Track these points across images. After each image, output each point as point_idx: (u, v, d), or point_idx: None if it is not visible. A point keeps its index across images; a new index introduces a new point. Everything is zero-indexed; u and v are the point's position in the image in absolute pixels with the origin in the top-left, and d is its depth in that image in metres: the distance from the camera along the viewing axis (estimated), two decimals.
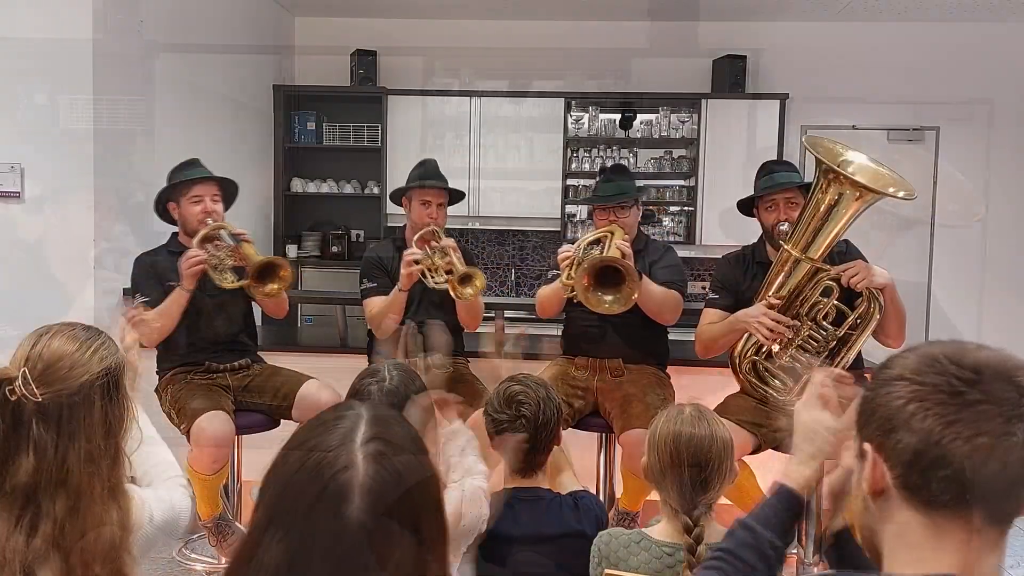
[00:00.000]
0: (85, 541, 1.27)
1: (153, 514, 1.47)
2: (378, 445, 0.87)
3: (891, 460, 0.90)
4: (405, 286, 2.96)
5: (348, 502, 0.82)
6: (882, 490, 0.91)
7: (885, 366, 0.96)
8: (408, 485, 0.86)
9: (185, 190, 2.95)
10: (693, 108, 5.48)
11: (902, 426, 0.88)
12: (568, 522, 1.90)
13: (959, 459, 0.85)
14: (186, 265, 2.80)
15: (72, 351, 1.33)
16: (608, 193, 3.06)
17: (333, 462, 0.85)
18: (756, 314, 2.66)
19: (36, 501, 1.27)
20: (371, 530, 0.82)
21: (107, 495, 1.33)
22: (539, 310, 3.12)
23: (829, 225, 2.57)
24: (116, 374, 1.37)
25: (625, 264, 2.72)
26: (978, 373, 0.88)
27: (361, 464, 0.85)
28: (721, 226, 5.37)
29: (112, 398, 1.36)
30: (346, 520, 0.82)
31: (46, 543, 1.25)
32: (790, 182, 2.82)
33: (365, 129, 5.60)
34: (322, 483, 0.84)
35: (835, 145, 2.66)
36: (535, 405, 1.90)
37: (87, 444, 1.31)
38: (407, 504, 0.85)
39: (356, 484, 0.83)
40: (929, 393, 0.88)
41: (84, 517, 1.29)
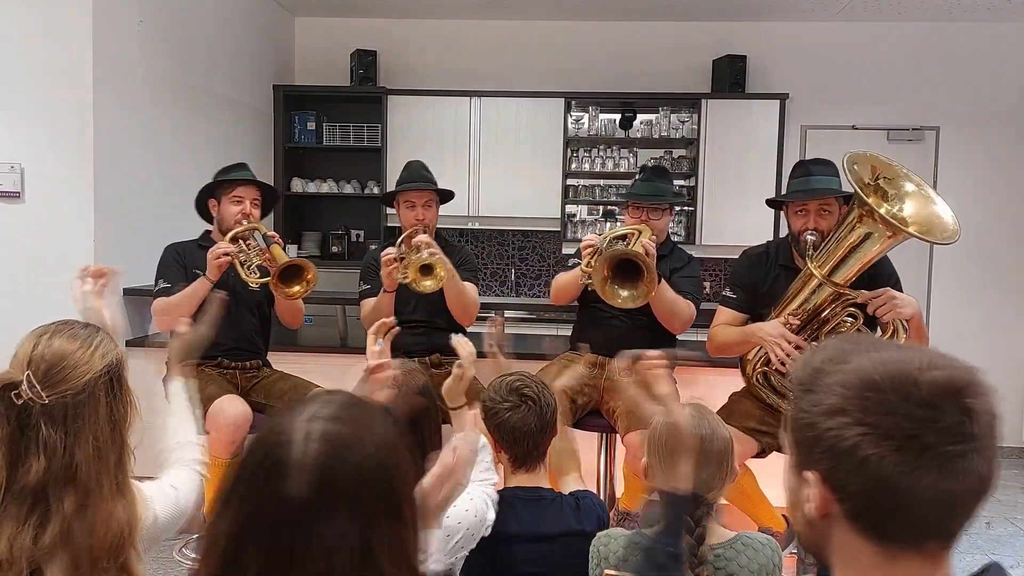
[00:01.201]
0: (93, 538, 1.28)
1: (157, 513, 1.46)
2: (335, 426, 0.85)
3: (840, 494, 0.85)
4: (388, 287, 2.98)
5: (288, 476, 0.81)
6: (828, 514, 0.87)
7: (814, 382, 0.87)
8: (359, 471, 0.83)
9: (228, 189, 3.03)
10: (693, 108, 5.47)
11: (854, 470, 0.83)
12: (569, 522, 1.90)
13: (920, 505, 0.81)
14: (213, 256, 2.84)
15: (74, 350, 1.33)
16: (645, 192, 3.04)
17: (280, 436, 0.84)
18: (774, 334, 2.59)
19: (46, 500, 1.27)
20: (308, 507, 0.80)
21: (115, 490, 1.33)
22: (554, 296, 3.10)
23: (858, 254, 2.47)
24: (118, 369, 1.38)
25: (647, 261, 2.69)
26: (931, 407, 0.81)
27: (311, 441, 0.83)
28: (721, 226, 5.36)
29: (115, 393, 1.36)
30: (284, 493, 0.80)
31: (54, 541, 1.26)
32: (825, 189, 2.69)
33: (365, 129, 5.60)
34: (264, 455, 0.83)
35: (882, 164, 2.48)
36: (535, 388, 1.92)
37: (94, 441, 1.31)
38: (357, 493, 0.83)
39: (298, 459, 0.81)
40: (882, 438, 0.81)
41: (93, 514, 1.29)
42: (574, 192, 5.59)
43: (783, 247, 2.88)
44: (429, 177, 3.19)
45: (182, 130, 4.22)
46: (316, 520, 0.81)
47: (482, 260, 5.82)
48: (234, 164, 3.15)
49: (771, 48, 5.59)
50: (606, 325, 3.01)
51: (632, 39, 5.71)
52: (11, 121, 3.44)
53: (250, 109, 5.19)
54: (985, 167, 5.53)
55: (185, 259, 3.02)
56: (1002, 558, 3.63)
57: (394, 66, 5.75)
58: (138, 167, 3.79)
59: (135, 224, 3.71)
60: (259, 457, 0.84)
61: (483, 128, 5.46)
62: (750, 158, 5.32)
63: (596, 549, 1.73)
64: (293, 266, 2.88)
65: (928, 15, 5.35)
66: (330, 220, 5.84)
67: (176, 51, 4.19)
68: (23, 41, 3.40)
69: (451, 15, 5.68)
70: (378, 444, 0.87)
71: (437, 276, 2.87)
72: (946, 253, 5.56)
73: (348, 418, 0.87)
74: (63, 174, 3.45)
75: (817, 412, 0.86)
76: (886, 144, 5.51)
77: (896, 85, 5.55)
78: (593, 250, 2.84)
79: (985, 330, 5.47)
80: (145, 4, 3.85)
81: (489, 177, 5.46)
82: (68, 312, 1.53)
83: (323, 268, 5.47)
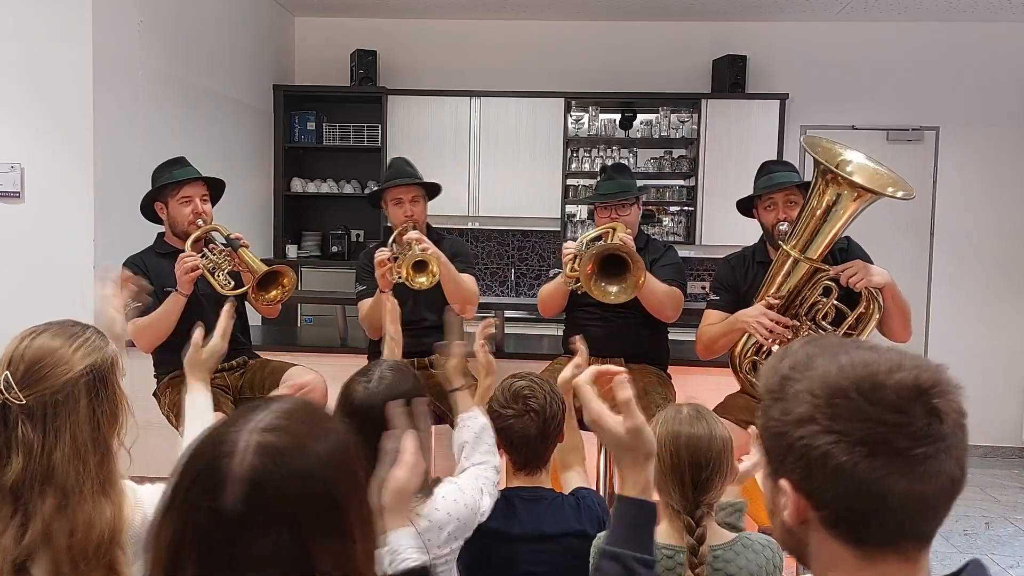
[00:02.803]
0: (73, 539, 1.26)
1: (147, 514, 1.44)
2: (271, 437, 0.82)
3: (814, 501, 0.85)
4: (384, 287, 2.91)
5: (223, 488, 0.79)
6: (804, 521, 0.87)
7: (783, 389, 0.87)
8: (296, 484, 0.81)
9: (173, 190, 2.89)
10: (693, 108, 5.47)
11: (827, 477, 0.83)
12: (569, 522, 1.90)
13: (895, 509, 0.82)
14: (182, 270, 2.74)
15: (55, 349, 1.32)
16: (609, 191, 3.07)
17: (217, 447, 0.82)
18: (755, 314, 2.65)
19: (24, 500, 1.26)
20: (241, 522, 0.79)
21: (97, 491, 1.31)
22: (541, 308, 3.12)
23: (827, 225, 2.57)
24: (103, 370, 1.36)
25: (630, 251, 2.72)
26: (899, 411, 0.81)
27: (246, 453, 0.81)
28: (721, 226, 5.36)
29: (99, 394, 1.35)
30: (219, 506, 0.79)
31: (35, 541, 1.25)
32: (789, 181, 2.82)
33: (365, 129, 5.60)
34: (202, 466, 0.82)
35: (833, 145, 2.65)
36: (542, 398, 1.89)
37: (72, 441, 1.30)
38: (291, 503, 0.80)
39: (232, 471, 0.80)
40: (853, 445, 0.81)
41: (73, 514, 1.28)
42: (574, 192, 5.58)
43: (759, 247, 2.97)
44: (413, 172, 3.14)
45: (182, 130, 4.22)
46: (251, 533, 0.79)
47: (482, 260, 5.82)
48: (172, 160, 2.99)
49: (771, 48, 5.59)
50: (595, 326, 3.02)
51: (632, 39, 5.71)
52: (11, 121, 3.44)
53: (250, 109, 5.19)
54: (985, 167, 5.53)
55: (149, 273, 2.88)
56: (1001, 558, 3.63)
57: (394, 66, 5.75)
58: (138, 167, 3.78)
59: (135, 224, 3.70)
60: (198, 467, 0.82)
61: (483, 128, 5.46)
62: (750, 158, 5.28)
63: (596, 548, 1.73)
64: (270, 273, 2.79)
65: (928, 15, 5.36)
66: (330, 220, 5.84)
67: (176, 51, 4.19)
68: (23, 41, 3.40)
69: (451, 15, 5.68)
70: (320, 455, 0.84)
71: (431, 272, 2.83)
72: (946, 252, 5.57)
73: (289, 429, 0.84)
74: (63, 174, 3.45)
75: (787, 421, 0.86)
76: (886, 144, 5.52)
77: (896, 85, 5.56)
78: (573, 256, 2.87)
79: (985, 330, 5.47)
80: (145, 4, 3.85)
81: (489, 177, 5.46)
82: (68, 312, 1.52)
83: (323, 268, 5.53)
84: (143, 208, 3.00)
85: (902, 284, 2.74)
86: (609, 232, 2.91)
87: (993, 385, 5.31)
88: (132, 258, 2.96)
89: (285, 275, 2.83)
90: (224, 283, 2.81)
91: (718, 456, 1.63)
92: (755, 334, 2.66)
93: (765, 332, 2.62)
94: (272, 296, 2.84)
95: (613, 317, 2.97)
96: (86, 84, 3.42)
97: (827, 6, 5.26)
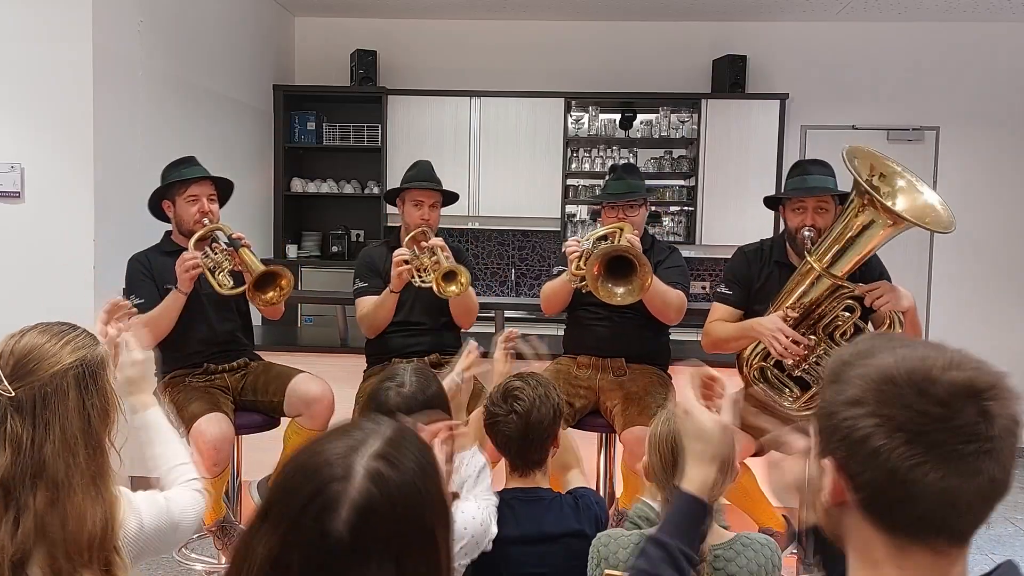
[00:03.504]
0: (67, 532, 1.27)
1: (144, 521, 1.44)
2: (381, 465, 0.84)
3: (853, 483, 0.87)
4: (396, 287, 2.94)
5: (335, 513, 0.80)
6: (843, 503, 0.89)
7: (840, 374, 0.90)
8: (402, 513, 0.83)
9: (181, 189, 2.91)
10: (693, 108, 5.47)
11: (865, 459, 0.84)
12: (568, 522, 1.90)
13: (926, 499, 0.82)
14: (182, 268, 2.75)
15: (42, 343, 1.34)
16: (618, 191, 3.05)
17: (331, 470, 0.83)
18: (772, 328, 2.59)
19: (16, 495, 1.27)
20: (351, 548, 0.80)
21: (88, 485, 1.32)
22: (544, 305, 3.10)
23: (857, 245, 2.48)
24: (93, 366, 1.37)
25: (637, 253, 2.70)
26: (945, 406, 0.82)
27: (357, 478, 0.82)
28: (721, 226, 5.37)
29: (88, 389, 1.36)
30: (328, 531, 0.80)
31: (28, 535, 1.26)
32: (823, 187, 2.72)
33: (365, 129, 5.60)
34: (314, 488, 0.82)
35: (878, 159, 2.52)
36: (529, 402, 1.89)
37: (62, 434, 1.31)
38: (396, 532, 0.82)
39: (347, 497, 0.80)
40: (894, 430, 0.83)
41: (64, 507, 1.29)
42: (574, 192, 5.59)
43: (778, 244, 2.90)
44: (438, 179, 3.19)
45: (182, 130, 4.22)
46: (357, 557, 0.80)
47: (482, 260, 5.82)
48: (181, 159, 3.01)
49: (771, 48, 5.60)
50: (597, 326, 3.02)
51: (632, 39, 5.71)
52: (11, 121, 3.44)
53: (250, 109, 5.19)
54: (985, 167, 5.53)
55: (153, 270, 2.91)
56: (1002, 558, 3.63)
57: (394, 66, 5.75)
58: (138, 167, 3.78)
59: (135, 224, 3.70)
60: (308, 488, 0.83)
61: (483, 128, 5.46)
62: (750, 158, 5.33)
63: (596, 549, 1.72)
64: (267, 273, 2.80)
65: (928, 15, 5.36)
66: (330, 220, 5.84)
67: (176, 51, 4.19)
68: (23, 41, 3.40)
69: (451, 15, 5.68)
70: (419, 483, 0.86)
71: (459, 282, 2.89)
72: (946, 252, 5.57)
73: (397, 457, 0.86)
74: (63, 174, 3.45)
75: (838, 402, 0.88)
76: (886, 144, 5.52)
77: (896, 85, 5.56)
78: (578, 254, 2.85)
79: (985, 329, 5.47)
80: (145, 4, 3.85)
81: (489, 177, 5.46)
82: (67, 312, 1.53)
83: (323, 268, 5.53)
84: (151, 205, 3.01)
85: (902, 284, 2.74)
86: (616, 232, 2.89)
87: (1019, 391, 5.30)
88: (137, 255, 2.98)
89: (283, 277, 2.83)
90: (223, 283, 2.81)
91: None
92: (770, 347, 2.60)
93: (780, 348, 2.56)
94: (269, 297, 2.84)
95: (616, 317, 2.96)
96: (86, 84, 3.42)
97: (827, 6, 5.26)
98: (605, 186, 3.22)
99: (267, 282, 2.83)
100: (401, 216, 3.19)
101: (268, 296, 2.83)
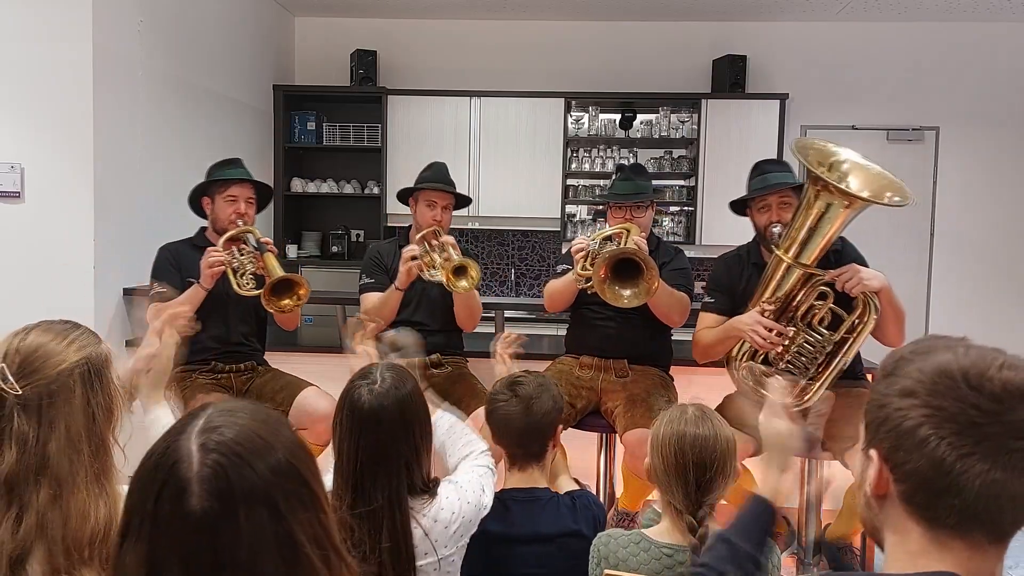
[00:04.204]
0: (67, 529, 1.27)
1: None
2: (210, 434, 0.84)
3: (897, 474, 0.87)
4: (402, 284, 2.96)
5: (186, 493, 0.80)
6: (885, 494, 0.90)
7: (896, 368, 0.91)
8: (266, 470, 0.83)
9: (222, 188, 3.00)
10: (693, 108, 5.47)
11: (913, 448, 0.85)
12: (565, 522, 1.90)
13: (970, 491, 0.83)
14: (206, 264, 2.81)
15: (48, 341, 1.35)
16: (626, 191, 3.04)
17: (166, 457, 0.83)
18: (750, 322, 2.62)
19: (19, 492, 1.27)
20: (217, 516, 0.80)
21: (92, 483, 1.32)
22: (548, 304, 3.09)
23: (820, 231, 2.53)
24: (98, 364, 1.38)
25: (644, 256, 2.69)
26: (999, 402, 0.83)
27: (193, 453, 0.82)
28: (721, 226, 5.36)
29: (94, 387, 1.36)
30: (189, 511, 0.80)
31: (30, 532, 1.26)
32: (782, 183, 2.78)
33: (365, 129, 5.60)
34: (160, 479, 0.82)
35: (825, 146, 2.60)
36: (532, 388, 1.93)
37: (67, 431, 1.31)
38: (250, 483, 0.82)
39: (191, 474, 0.81)
40: (944, 420, 0.84)
41: (67, 505, 1.28)
42: (574, 192, 5.58)
43: (753, 247, 2.94)
44: (452, 182, 3.21)
45: (182, 130, 4.22)
46: (226, 521, 0.81)
47: (482, 260, 5.82)
48: (227, 160, 3.10)
49: (771, 48, 5.60)
50: (601, 326, 3.02)
51: (632, 39, 5.71)
52: (11, 121, 3.44)
53: (250, 109, 5.19)
54: (985, 167, 5.53)
55: (180, 262, 2.98)
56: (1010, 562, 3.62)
57: (394, 66, 5.75)
58: (138, 167, 3.78)
59: (135, 224, 3.71)
60: (157, 482, 0.83)
61: (483, 128, 5.46)
62: (750, 158, 5.23)
63: (596, 549, 1.73)
64: (285, 280, 2.83)
65: (928, 15, 5.36)
66: (330, 220, 5.84)
67: (176, 51, 4.18)
68: (23, 41, 3.40)
69: (451, 15, 5.68)
70: (284, 444, 0.87)
71: (470, 277, 2.90)
72: (946, 252, 5.57)
73: (230, 422, 0.87)
74: (63, 174, 3.45)
75: (890, 393, 0.89)
76: (886, 144, 5.52)
77: (896, 85, 5.56)
78: (585, 254, 2.85)
79: (985, 329, 5.44)
80: (145, 4, 3.84)
81: (489, 177, 5.46)
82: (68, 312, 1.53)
83: (323, 268, 5.53)
84: (191, 201, 3.09)
85: (902, 284, 2.74)
86: (623, 233, 2.88)
87: None
88: (168, 245, 3.06)
89: (301, 286, 2.87)
90: (243, 284, 2.86)
91: (722, 457, 1.63)
92: (750, 341, 2.64)
93: (760, 340, 2.59)
94: (284, 304, 2.87)
95: (620, 317, 2.96)
96: (86, 84, 3.42)
97: (827, 6, 5.26)
98: (612, 186, 3.20)
99: (284, 289, 2.86)
100: (413, 216, 3.20)
101: (283, 303, 2.87)
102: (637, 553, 1.67)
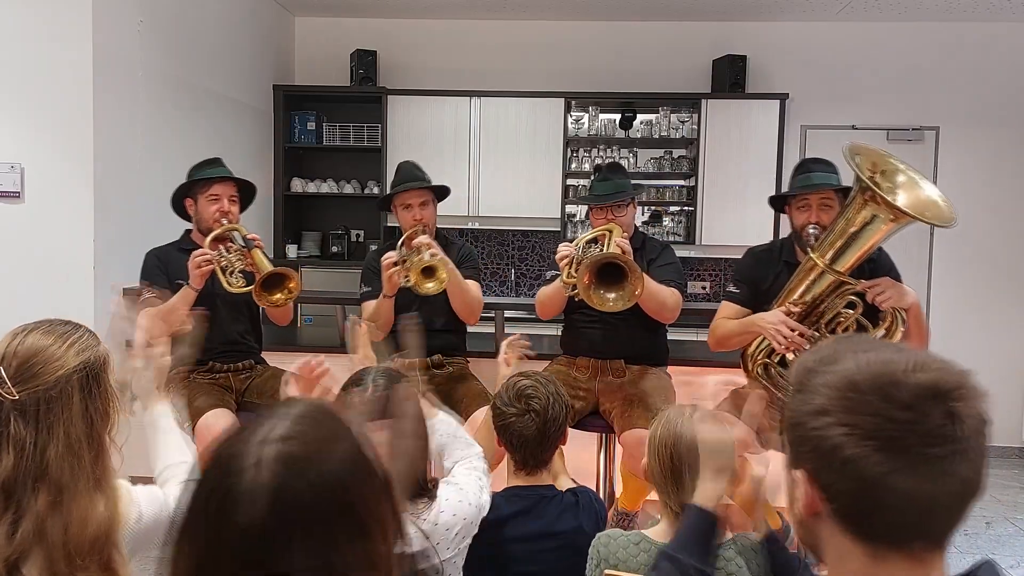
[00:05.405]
0: (68, 535, 1.26)
1: (143, 512, 1.44)
2: (290, 445, 0.80)
3: (826, 493, 0.86)
4: (388, 291, 2.93)
5: (239, 505, 0.76)
6: (817, 513, 0.88)
7: (806, 382, 0.88)
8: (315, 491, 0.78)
9: (204, 188, 2.98)
10: (693, 108, 5.47)
11: (837, 469, 0.83)
12: (568, 519, 1.91)
13: (901, 506, 0.82)
14: (194, 264, 2.80)
15: (47, 345, 1.33)
16: (604, 192, 3.03)
17: (238, 461, 0.79)
18: (774, 321, 2.59)
19: (16, 498, 1.26)
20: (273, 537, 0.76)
21: (92, 488, 1.31)
22: (540, 311, 3.10)
23: (860, 240, 2.48)
24: (96, 367, 1.37)
25: (627, 260, 2.69)
26: (910, 409, 0.81)
27: (257, 466, 0.77)
28: (721, 226, 5.36)
29: (92, 391, 1.35)
30: (238, 524, 0.76)
31: (27, 538, 1.25)
32: (826, 183, 2.72)
33: (365, 129, 5.60)
34: (215, 484, 0.79)
35: (880, 156, 2.52)
36: (544, 399, 1.91)
37: (66, 438, 1.30)
38: (317, 511, 0.78)
39: (245, 487, 0.77)
40: (862, 439, 0.82)
41: (67, 511, 1.28)
42: (574, 192, 5.58)
43: (787, 244, 2.90)
44: (422, 176, 3.15)
45: (182, 130, 4.22)
46: (275, 547, 0.76)
47: (482, 260, 5.81)
48: (208, 159, 3.07)
49: (771, 48, 5.59)
50: (590, 330, 3.02)
51: (632, 39, 5.71)
52: (11, 121, 3.44)
53: (250, 109, 5.19)
54: (985, 167, 5.53)
55: (168, 266, 2.97)
56: (1002, 558, 3.63)
57: (394, 66, 5.75)
58: (138, 167, 3.79)
59: (135, 224, 3.71)
60: (211, 487, 0.80)
61: (483, 128, 5.46)
62: (750, 158, 5.32)
63: (596, 549, 1.72)
64: (275, 275, 2.83)
65: (928, 15, 5.35)
66: (330, 220, 5.84)
67: (176, 51, 4.19)
68: (23, 41, 3.40)
69: (451, 15, 5.68)
70: (338, 460, 0.82)
71: (439, 278, 2.85)
72: (946, 252, 5.57)
73: (303, 435, 0.82)
74: (63, 174, 3.45)
75: (804, 412, 0.87)
76: (886, 144, 5.51)
77: (896, 85, 5.55)
78: (569, 260, 2.84)
79: (985, 329, 5.47)
80: (145, 4, 3.85)
81: (489, 177, 5.46)
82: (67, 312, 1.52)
83: (323, 268, 5.53)
84: (173, 203, 3.06)
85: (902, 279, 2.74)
86: (605, 235, 2.88)
87: (993, 385, 5.18)
88: (154, 250, 3.04)
89: (291, 279, 2.87)
90: (233, 282, 2.84)
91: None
92: (771, 340, 2.60)
93: (782, 340, 2.56)
94: (276, 299, 2.86)
95: (610, 319, 2.96)
96: (86, 84, 3.42)
97: (827, 6, 5.26)
98: (591, 187, 3.19)
99: (275, 284, 2.85)
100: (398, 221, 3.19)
101: (275, 298, 2.86)
102: (637, 554, 1.67)
